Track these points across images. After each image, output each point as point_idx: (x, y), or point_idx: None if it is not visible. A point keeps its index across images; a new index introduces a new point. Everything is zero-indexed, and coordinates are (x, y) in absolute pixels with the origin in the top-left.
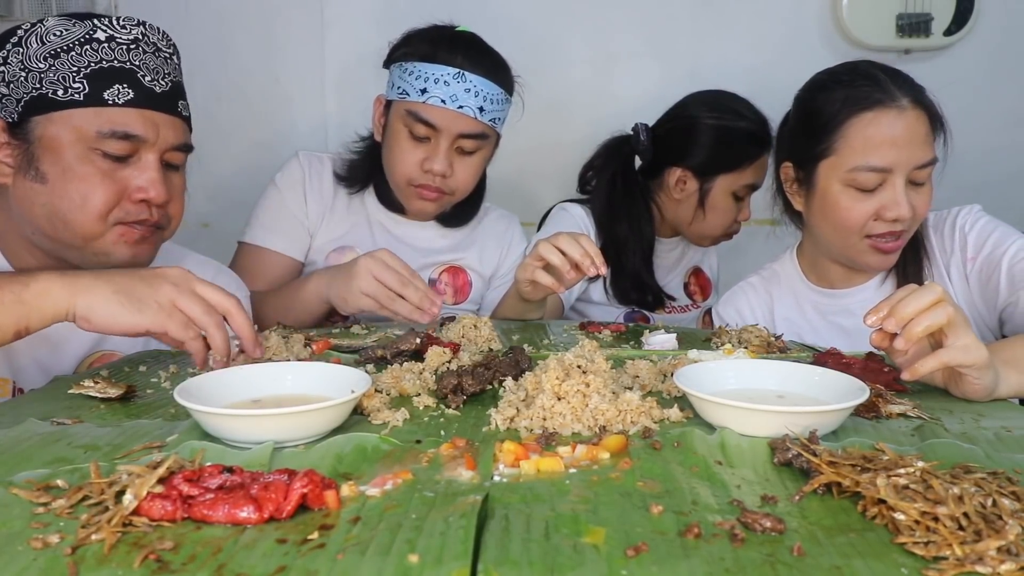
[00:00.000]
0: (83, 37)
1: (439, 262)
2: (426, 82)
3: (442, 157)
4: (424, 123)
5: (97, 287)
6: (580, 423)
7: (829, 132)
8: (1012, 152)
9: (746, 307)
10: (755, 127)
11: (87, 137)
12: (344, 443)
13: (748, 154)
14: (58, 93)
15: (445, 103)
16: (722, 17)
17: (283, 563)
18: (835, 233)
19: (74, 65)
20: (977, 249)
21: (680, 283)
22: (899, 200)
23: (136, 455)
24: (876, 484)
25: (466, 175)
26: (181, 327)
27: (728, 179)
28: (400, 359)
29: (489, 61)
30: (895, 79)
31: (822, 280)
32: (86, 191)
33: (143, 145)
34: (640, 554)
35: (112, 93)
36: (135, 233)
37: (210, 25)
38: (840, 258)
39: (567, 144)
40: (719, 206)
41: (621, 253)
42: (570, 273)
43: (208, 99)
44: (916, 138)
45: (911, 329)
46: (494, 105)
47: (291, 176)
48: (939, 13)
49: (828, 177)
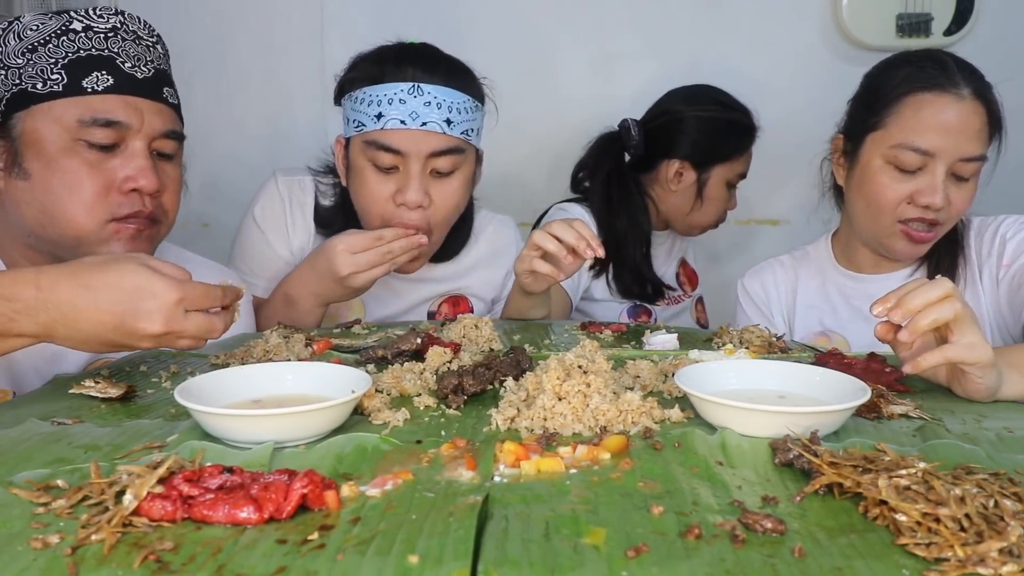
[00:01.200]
0: (59, 29)
1: (437, 294)
2: (380, 105)
3: (415, 185)
4: (386, 150)
5: (78, 326)
6: (581, 423)
7: (884, 106)
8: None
9: (771, 282)
10: (746, 118)
11: (69, 128)
12: (344, 443)
13: (742, 143)
14: (37, 86)
15: (405, 123)
16: (722, 17)
17: (283, 563)
18: (868, 210)
19: (51, 57)
20: (1014, 257)
21: (673, 274)
22: (936, 187)
23: (136, 455)
24: (877, 485)
25: (446, 201)
26: (169, 346)
27: (723, 169)
28: (401, 359)
29: (445, 67)
30: (962, 68)
31: (852, 264)
32: (71, 182)
33: (128, 132)
34: (640, 555)
35: (91, 80)
36: (129, 229)
37: (210, 25)
38: (871, 241)
39: (566, 144)
40: (715, 195)
41: (621, 247)
42: (567, 259)
43: (208, 99)
44: (967, 129)
45: (917, 322)
46: (462, 115)
47: (271, 210)
48: (939, 13)
49: (872, 151)
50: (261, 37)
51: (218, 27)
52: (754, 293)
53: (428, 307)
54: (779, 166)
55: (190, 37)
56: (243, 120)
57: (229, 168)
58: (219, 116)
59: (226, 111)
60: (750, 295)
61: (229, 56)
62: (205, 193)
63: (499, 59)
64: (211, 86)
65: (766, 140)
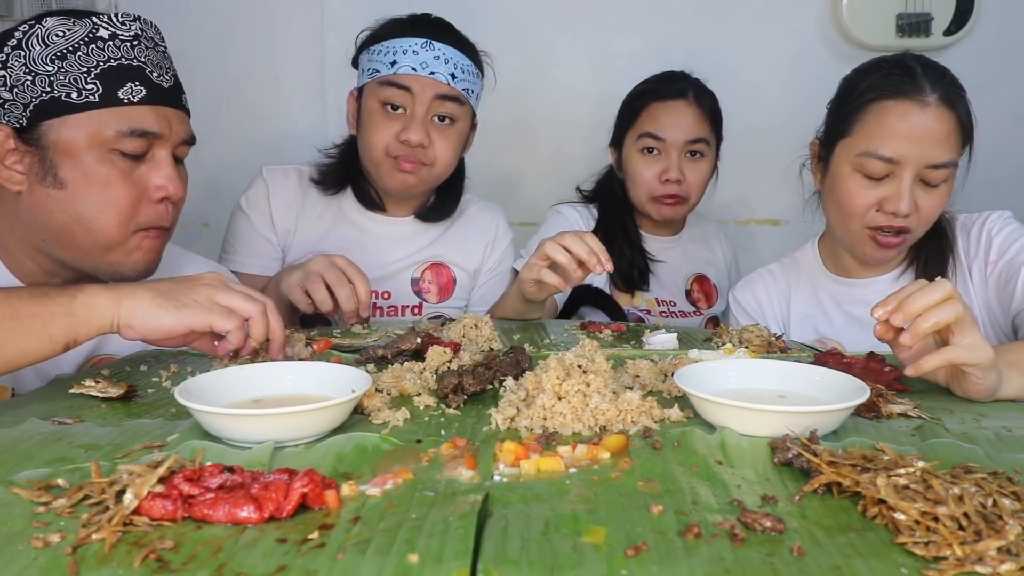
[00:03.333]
0: (87, 36)
1: (421, 259)
2: (395, 55)
3: (419, 125)
4: (397, 87)
5: (137, 293)
6: (580, 423)
7: (851, 113)
8: (1012, 152)
9: (763, 292)
10: (652, 84)
11: (105, 139)
12: (344, 443)
13: (633, 109)
14: (72, 96)
15: (416, 70)
16: (722, 17)
17: (283, 563)
18: (839, 216)
19: (83, 65)
20: (1000, 253)
21: (681, 288)
22: (901, 194)
23: (137, 454)
24: (876, 484)
25: (444, 146)
26: (224, 317)
27: (629, 139)
28: (401, 359)
29: (455, 36)
30: (931, 74)
31: (840, 269)
32: (109, 194)
33: (157, 141)
34: (640, 554)
35: (126, 92)
36: (150, 238)
37: (210, 25)
38: (844, 245)
39: (566, 144)
40: (631, 168)
41: (609, 232)
42: (576, 271)
43: (208, 99)
44: (933, 136)
45: (919, 324)
46: (465, 75)
47: (255, 196)
48: (939, 13)
49: (841, 158)
50: (261, 37)
51: (218, 27)
52: (747, 304)
53: (412, 272)
54: (779, 166)
55: (190, 37)
56: (243, 120)
57: (229, 168)
58: (219, 116)
59: (226, 111)
60: (743, 306)
61: (229, 56)
62: (205, 193)
63: (499, 59)
64: (211, 86)
65: (765, 139)
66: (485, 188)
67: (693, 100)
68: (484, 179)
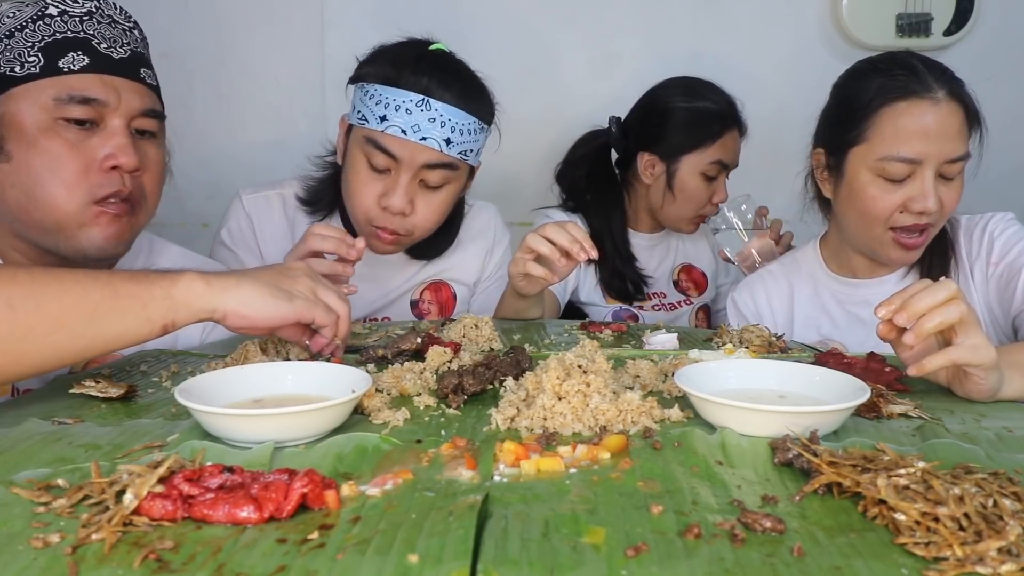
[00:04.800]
0: (35, 15)
1: (419, 281)
2: (386, 108)
3: (401, 193)
4: (383, 152)
5: (244, 283)
6: (580, 423)
7: (862, 119)
8: (1011, 152)
9: (762, 295)
10: (715, 106)
11: (46, 107)
12: (344, 443)
13: (710, 133)
14: (15, 70)
15: (406, 133)
16: (722, 17)
17: (283, 563)
18: (860, 222)
19: (28, 41)
20: (1002, 255)
21: (668, 279)
22: (927, 192)
23: (137, 454)
24: (877, 484)
25: (427, 213)
26: (325, 313)
27: (693, 158)
28: (401, 359)
29: (460, 86)
30: (933, 70)
31: (844, 270)
32: (51, 162)
33: (106, 110)
34: (640, 554)
35: (67, 61)
36: (109, 213)
37: (210, 25)
38: (864, 249)
39: (567, 144)
40: (687, 187)
41: (598, 243)
42: (561, 261)
43: (208, 99)
44: (949, 131)
45: (922, 324)
46: (464, 136)
47: (238, 230)
48: (939, 13)
49: (857, 165)
50: (261, 37)
51: (218, 27)
52: (745, 307)
53: (411, 296)
54: (779, 165)
55: (190, 37)
56: (243, 120)
57: (229, 168)
58: (219, 116)
59: (226, 111)
60: (740, 310)
61: (229, 56)
62: (205, 193)
63: (499, 59)
64: (211, 86)
65: (766, 140)
66: (484, 188)
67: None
68: (483, 179)
